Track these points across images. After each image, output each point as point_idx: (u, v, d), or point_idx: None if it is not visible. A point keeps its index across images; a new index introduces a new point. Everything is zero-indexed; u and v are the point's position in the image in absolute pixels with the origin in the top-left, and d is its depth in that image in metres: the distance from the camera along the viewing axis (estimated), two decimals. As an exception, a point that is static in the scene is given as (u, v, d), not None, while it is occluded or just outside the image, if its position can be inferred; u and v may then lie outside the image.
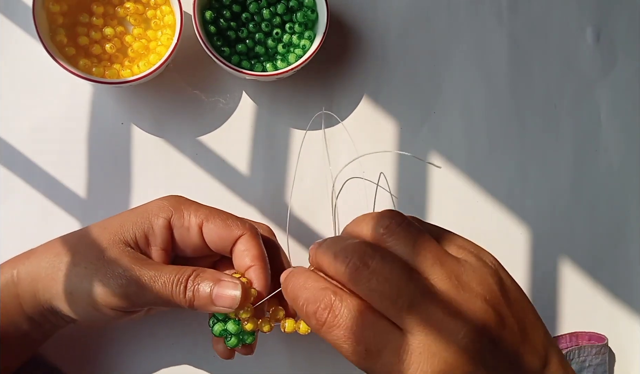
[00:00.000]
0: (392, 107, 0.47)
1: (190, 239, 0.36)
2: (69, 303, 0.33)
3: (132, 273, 0.33)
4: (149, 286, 0.32)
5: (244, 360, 0.44)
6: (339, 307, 0.26)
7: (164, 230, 0.35)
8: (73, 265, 0.33)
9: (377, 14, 0.48)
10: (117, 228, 0.35)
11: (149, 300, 0.33)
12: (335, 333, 0.26)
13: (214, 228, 0.35)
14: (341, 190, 0.38)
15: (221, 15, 0.43)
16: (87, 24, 0.42)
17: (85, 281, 0.33)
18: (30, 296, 0.34)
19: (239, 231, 0.35)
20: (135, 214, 0.35)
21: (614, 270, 0.48)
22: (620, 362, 0.48)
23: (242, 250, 0.35)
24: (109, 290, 0.32)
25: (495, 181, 0.47)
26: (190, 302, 0.33)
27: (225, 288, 0.33)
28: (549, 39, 0.49)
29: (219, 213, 0.36)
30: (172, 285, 0.33)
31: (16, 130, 0.43)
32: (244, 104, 0.46)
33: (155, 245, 0.35)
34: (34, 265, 0.35)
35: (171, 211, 0.35)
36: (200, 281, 0.33)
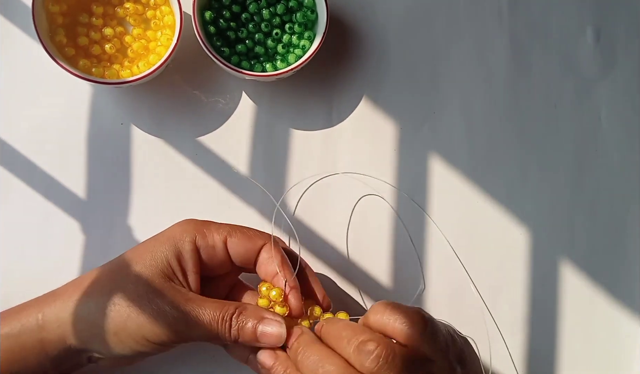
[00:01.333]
0: (392, 107, 0.47)
1: (217, 257, 0.36)
2: (113, 344, 0.33)
3: (179, 311, 0.33)
4: (195, 324, 0.33)
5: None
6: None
7: (193, 253, 0.35)
8: (113, 304, 0.33)
9: (377, 13, 0.48)
10: (150, 261, 0.35)
11: (195, 336, 0.34)
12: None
13: (238, 242, 0.36)
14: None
15: (221, 16, 0.43)
16: (86, 24, 0.42)
17: (130, 322, 0.33)
18: (57, 340, 0.34)
19: (262, 241, 0.37)
20: (162, 243, 0.35)
21: (614, 270, 0.48)
22: (620, 362, 0.48)
23: (267, 258, 0.37)
24: (156, 331, 0.33)
25: (495, 181, 0.47)
26: (235, 339, 0.34)
27: (269, 326, 0.34)
28: (549, 39, 0.49)
29: (239, 227, 0.37)
30: (217, 323, 0.34)
31: (16, 130, 0.43)
32: (243, 104, 0.46)
33: (188, 270, 0.35)
34: (61, 308, 0.34)
35: (194, 233, 0.36)
36: (244, 319, 0.34)
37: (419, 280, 0.46)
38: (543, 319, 0.47)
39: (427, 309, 0.46)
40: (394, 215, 0.46)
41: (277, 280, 0.36)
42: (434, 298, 0.46)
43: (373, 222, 0.46)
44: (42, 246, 0.43)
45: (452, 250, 0.47)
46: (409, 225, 0.46)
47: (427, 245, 0.46)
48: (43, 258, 0.43)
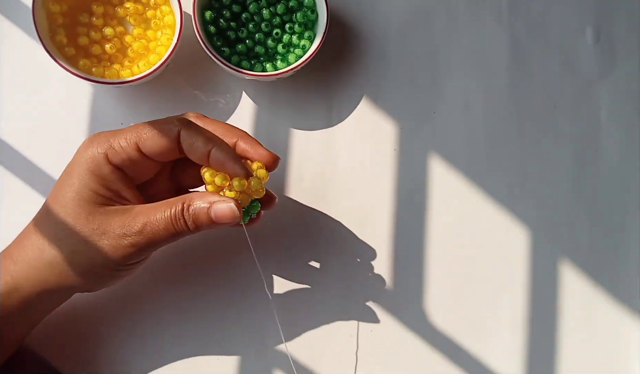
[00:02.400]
0: (392, 107, 0.47)
1: (137, 164, 0.35)
2: (92, 278, 0.34)
3: (133, 233, 0.33)
4: (155, 234, 0.34)
5: (245, 358, 0.44)
6: None
7: (115, 174, 0.34)
8: (73, 253, 0.34)
9: (377, 14, 0.48)
10: (78, 199, 0.34)
11: (160, 243, 0.34)
12: None
13: (150, 142, 0.34)
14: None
15: (221, 16, 0.43)
16: (87, 24, 0.42)
17: (97, 258, 0.33)
18: (37, 295, 0.34)
19: (175, 130, 0.34)
20: (77, 178, 0.34)
21: (614, 270, 0.48)
22: (620, 362, 0.48)
23: (191, 144, 0.34)
24: (123, 254, 0.33)
25: (495, 181, 0.47)
26: (195, 229, 0.34)
27: (220, 206, 0.34)
28: (549, 39, 0.49)
29: (146, 125, 0.35)
30: (171, 223, 0.34)
31: (16, 129, 0.43)
32: (244, 104, 0.46)
33: (121, 190, 0.35)
34: (27, 268, 0.34)
35: (104, 153, 0.34)
36: (194, 210, 0.34)
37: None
38: (543, 319, 0.47)
39: (427, 308, 0.46)
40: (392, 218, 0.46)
41: (212, 159, 0.34)
42: (434, 298, 0.46)
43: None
44: (42, 246, 0.43)
45: (452, 250, 0.47)
46: (409, 225, 0.46)
47: (427, 245, 0.46)
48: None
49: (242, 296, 0.44)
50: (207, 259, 0.44)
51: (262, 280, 0.42)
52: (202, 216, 0.34)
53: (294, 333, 0.44)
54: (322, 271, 0.45)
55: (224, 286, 0.44)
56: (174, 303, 0.43)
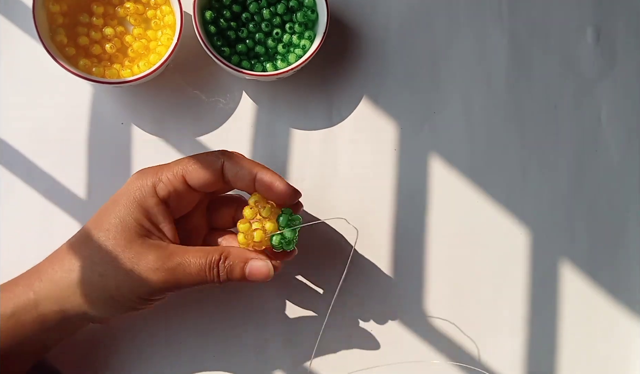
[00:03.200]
0: (392, 107, 0.47)
1: (184, 198, 0.36)
2: (111, 306, 0.35)
3: (165, 271, 0.34)
4: (184, 276, 0.34)
5: (245, 359, 0.44)
6: None
7: (159, 206, 0.35)
8: (100, 275, 0.34)
9: (377, 14, 0.48)
10: (122, 226, 0.35)
11: (185, 286, 0.35)
12: None
13: (196, 174, 0.36)
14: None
15: (221, 15, 0.43)
16: (87, 24, 0.42)
17: (122, 288, 0.34)
18: (55, 313, 0.35)
19: (219, 161, 0.36)
20: (123, 205, 0.35)
21: (614, 270, 0.48)
22: (620, 362, 0.48)
23: (235, 173, 0.36)
24: (148, 290, 0.34)
25: (495, 181, 0.47)
26: (225, 282, 0.35)
27: (255, 263, 0.35)
28: (549, 39, 0.49)
29: (192, 158, 0.36)
30: (204, 272, 0.35)
31: (16, 130, 0.43)
32: (244, 104, 0.46)
33: (160, 223, 0.35)
34: (51, 285, 0.35)
35: (152, 185, 0.35)
36: (230, 263, 0.35)
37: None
38: (543, 319, 0.47)
39: (427, 309, 0.46)
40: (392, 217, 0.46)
41: (259, 183, 0.36)
42: (434, 299, 0.46)
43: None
44: (42, 246, 0.43)
45: (452, 250, 0.47)
46: (409, 225, 0.46)
47: (427, 244, 0.46)
48: (43, 258, 0.42)
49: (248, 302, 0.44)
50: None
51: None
52: (237, 271, 0.35)
53: (293, 333, 0.44)
54: (321, 271, 0.45)
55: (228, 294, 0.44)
56: (176, 309, 0.43)
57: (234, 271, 0.35)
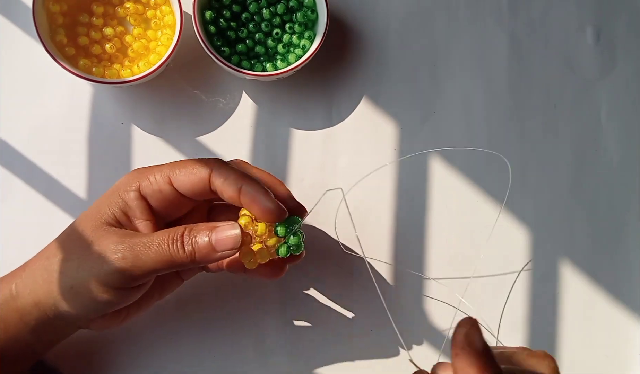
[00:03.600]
0: (392, 107, 0.47)
1: (168, 199, 0.35)
2: (73, 298, 0.33)
3: (123, 246, 0.32)
4: (144, 252, 0.32)
5: (245, 359, 0.44)
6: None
7: (137, 201, 0.35)
8: (65, 260, 0.34)
9: (377, 14, 0.48)
10: (95, 215, 0.35)
11: (149, 266, 0.32)
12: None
13: (182, 178, 0.34)
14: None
15: (221, 15, 0.43)
16: (87, 24, 0.42)
17: (81, 270, 0.33)
18: (32, 306, 0.34)
19: (207, 169, 0.34)
20: (106, 196, 0.35)
21: (614, 270, 0.48)
22: (620, 362, 0.48)
23: (222, 182, 0.34)
24: (106, 270, 0.32)
25: (495, 181, 0.47)
26: (191, 256, 0.33)
27: (222, 231, 0.33)
28: (549, 39, 0.49)
29: (182, 162, 0.35)
30: (168, 245, 0.32)
31: (16, 130, 0.43)
32: (244, 104, 0.46)
33: (136, 218, 0.35)
34: (29, 276, 0.35)
35: (138, 182, 0.35)
36: (195, 233, 0.33)
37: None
38: (543, 319, 0.47)
39: (427, 309, 0.46)
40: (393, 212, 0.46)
41: (243, 196, 0.34)
42: (434, 298, 0.46)
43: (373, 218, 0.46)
44: (42, 246, 0.42)
45: (451, 249, 0.47)
46: (409, 224, 0.46)
47: (427, 244, 0.46)
48: (43, 258, 0.43)
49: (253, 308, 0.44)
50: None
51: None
52: (202, 242, 0.33)
53: (292, 333, 0.44)
54: (321, 272, 0.45)
55: (223, 276, 0.44)
56: (172, 297, 0.43)
57: (200, 241, 0.32)
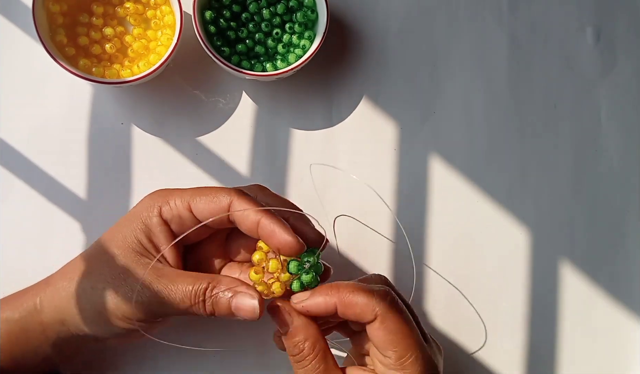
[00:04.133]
0: (392, 107, 0.47)
1: (187, 225, 0.35)
2: (97, 324, 0.34)
3: (150, 290, 0.33)
4: (168, 301, 0.33)
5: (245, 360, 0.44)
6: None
7: (161, 226, 0.35)
8: (92, 288, 0.34)
9: (377, 14, 0.48)
10: (121, 240, 0.35)
11: (170, 312, 0.34)
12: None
13: (202, 205, 0.35)
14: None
15: (221, 15, 0.43)
16: (87, 24, 0.42)
17: (109, 301, 0.33)
18: (55, 323, 0.35)
19: (227, 199, 0.35)
20: (130, 221, 0.35)
21: (614, 270, 0.48)
22: (620, 362, 0.48)
23: (241, 214, 0.34)
24: (134, 308, 0.33)
25: (495, 181, 0.47)
26: (210, 314, 0.34)
27: (243, 299, 0.33)
28: (549, 39, 0.49)
29: (203, 189, 0.36)
30: (190, 299, 0.33)
31: (16, 130, 0.43)
32: (244, 104, 0.46)
33: (161, 244, 0.35)
34: (54, 293, 0.35)
35: (159, 206, 0.35)
36: (217, 293, 0.33)
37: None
38: (543, 320, 0.47)
39: (427, 309, 0.46)
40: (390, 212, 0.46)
41: (261, 229, 0.34)
42: (434, 298, 0.46)
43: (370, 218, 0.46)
44: (42, 246, 0.43)
45: (451, 249, 0.47)
46: (409, 224, 0.46)
47: (427, 244, 0.46)
48: (43, 258, 0.42)
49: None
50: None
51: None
52: (222, 304, 0.33)
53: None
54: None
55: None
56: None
57: (220, 304, 0.33)
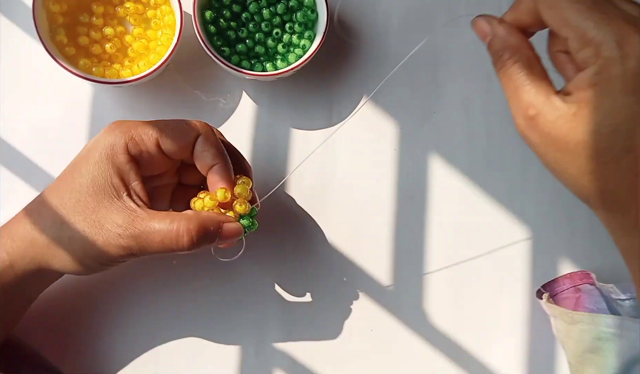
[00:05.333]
0: (392, 107, 0.47)
1: (153, 160, 0.36)
2: (79, 269, 0.35)
3: (127, 234, 0.33)
4: (148, 244, 0.34)
5: (246, 358, 0.44)
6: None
7: (130, 164, 0.35)
8: (69, 238, 0.34)
9: (377, 14, 0.48)
10: (91, 185, 0.34)
11: (150, 252, 0.34)
12: None
13: (170, 141, 0.35)
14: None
15: (221, 15, 0.43)
16: (87, 23, 0.42)
17: (88, 249, 0.34)
18: (33, 271, 0.35)
19: (194, 134, 0.36)
20: (96, 163, 0.34)
21: (614, 270, 0.48)
22: (620, 362, 0.48)
23: (201, 151, 0.36)
24: (114, 252, 0.34)
25: (495, 181, 0.47)
26: (194, 248, 0.34)
27: (228, 227, 0.35)
28: (549, 39, 0.49)
29: (169, 123, 0.36)
30: (173, 238, 0.33)
31: (16, 130, 0.43)
32: (244, 104, 0.46)
33: (132, 181, 0.35)
34: (25, 245, 0.35)
35: (125, 142, 0.35)
36: (204, 228, 0.34)
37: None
38: (543, 320, 0.47)
39: (427, 308, 0.46)
40: (393, 211, 0.46)
41: (212, 174, 0.36)
42: (434, 298, 0.46)
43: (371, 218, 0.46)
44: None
45: (451, 249, 0.46)
46: (409, 225, 0.46)
47: (427, 245, 0.46)
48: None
49: (243, 289, 0.44)
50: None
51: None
52: (210, 237, 0.34)
53: (293, 332, 0.44)
54: (321, 271, 0.45)
55: (224, 277, 0.44)
56: (171, 295, 0.43)
57: (209, 236, 0.34)
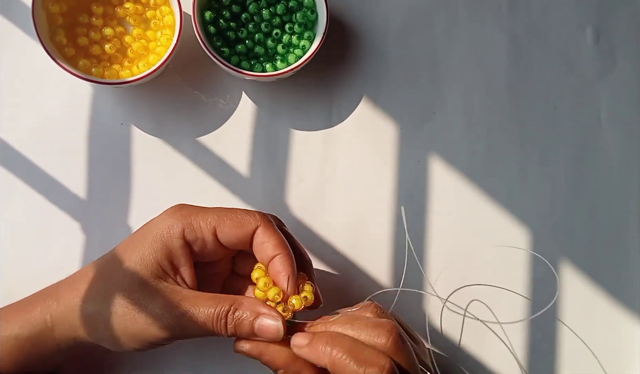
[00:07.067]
0: (392, 107, 0.47)
1: (209, 248, 0.35)
2: (120, 344, 0.34)
3: (172, 314, 0.33)
4: (190, 326, 0.33)
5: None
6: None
7: (183, 249, 0.35)
8: (110, 314, 0.34)
9: (376, 14, 0.48)
10: (140, 263, 0.34)
11: (191, 335, 0.34)
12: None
13: (228, 230, 0.35)
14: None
15: (221, 16, 0.43)
16: (86, 24, 0.42)
17: (129, 326, 0.33)
18: (70, 339, 0.35)
19: (253, 225, 0.35)
20: (150, 242, 0.35)
21: (614, 270, 0.48)
22: (620, 362, 0.48)
23: (262, 243, 0.35)
24: (155, 332, 0.33)
25: (495, 181, 0.47)
26: (232, 335, 0.34)
27: (266, 320, 0.33)
28: (549, 39, 0.49)
29: (228, 212, 0.36)
30: (212, 322, 0.33)
31: (16, 130, 0.43)
32: (243, 105, 0.46)
33: (181, 266, 0.35)
34: (66, 312, 0.35)
35: (182, 228, 0.35)
36: (240, 315, 0.33)
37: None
38: (543, 319, 0.47)
39: (427, 309, 0.46)
40: (393, 215, 0.46)
41: (274, 265, 0.35)
42: (434, 298, 0.46)
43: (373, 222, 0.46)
44: (42, 246, 0.43)
45: (451, 249, 0.47)
46: (409, 225, 0.46)
47: (427, 245, 0.46)
48: (43, 258, 0.43)
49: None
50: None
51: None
52: (245, 326, 0.34)
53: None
54: (321, 271, 0.45)
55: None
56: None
57: (243, 326, 0.33)
